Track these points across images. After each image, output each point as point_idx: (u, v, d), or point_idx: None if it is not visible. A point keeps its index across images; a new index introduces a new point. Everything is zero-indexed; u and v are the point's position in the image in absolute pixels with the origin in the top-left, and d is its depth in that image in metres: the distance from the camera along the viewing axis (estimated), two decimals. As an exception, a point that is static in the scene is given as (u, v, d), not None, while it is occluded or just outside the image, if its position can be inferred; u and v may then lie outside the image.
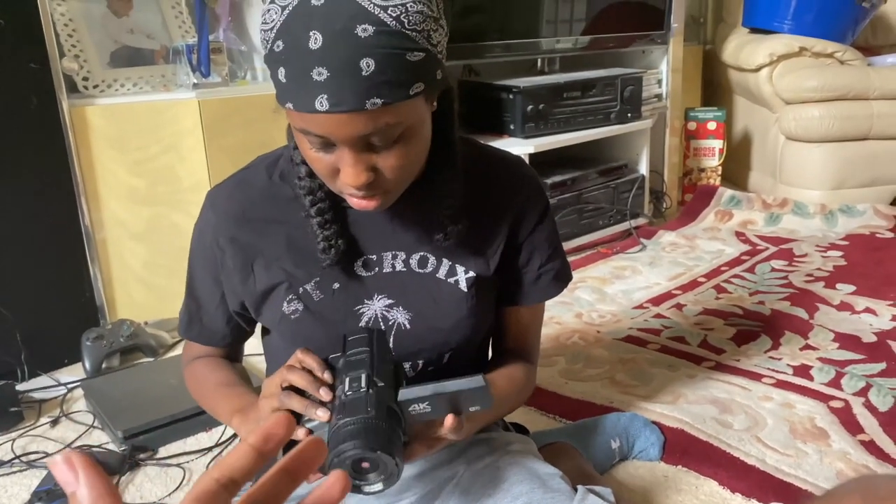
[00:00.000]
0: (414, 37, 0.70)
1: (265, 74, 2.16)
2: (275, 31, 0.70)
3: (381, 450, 0.69)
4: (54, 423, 1.55)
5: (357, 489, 0.71)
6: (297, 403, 0.75)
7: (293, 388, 0.76)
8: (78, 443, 1.46)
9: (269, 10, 0.71)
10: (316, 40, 0.67)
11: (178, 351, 1.83)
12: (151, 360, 1.81)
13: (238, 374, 0.99)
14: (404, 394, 0.74)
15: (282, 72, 0.71)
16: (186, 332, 1.00)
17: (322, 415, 0.73)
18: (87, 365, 1.74)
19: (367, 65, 0.68)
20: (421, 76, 0.72)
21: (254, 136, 1.90)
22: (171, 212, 1.89)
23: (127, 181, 1.86)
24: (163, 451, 1.43)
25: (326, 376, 0.76)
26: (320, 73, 0.68)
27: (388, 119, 0.71)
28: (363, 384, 0.74)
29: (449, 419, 0.74)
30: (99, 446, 1.44)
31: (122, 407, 1.51)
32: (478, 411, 0.75)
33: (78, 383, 1.68)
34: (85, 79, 1.87)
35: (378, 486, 0.71)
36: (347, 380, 0.75)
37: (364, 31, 0.67)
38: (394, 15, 0.68)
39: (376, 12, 0.68)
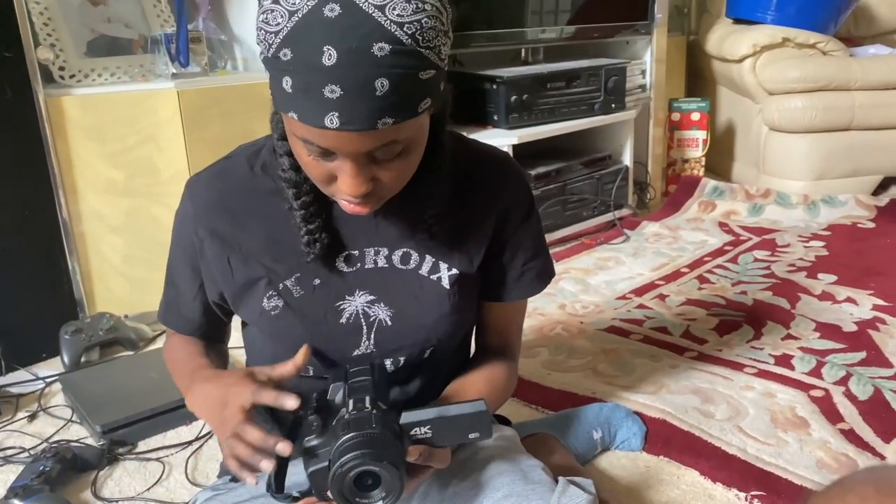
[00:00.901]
0: (427, 55, 0.68)
1: (246, 64, 2.14)
2: (281, 37, 0.66)
3: (386, 460, 0.70)
4: (32, 417, 1.53)
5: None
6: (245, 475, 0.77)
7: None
8: (56, 437, 1.45)
9: (272, 11, 0.67)
10: (330, 56, 0.64)
11: (158, 344, 1.81)
12: (131, 353, 1.79)
13: (212, 354, 0.98)
14: (407, 416, 0.76)
15: (287, 81, 0.67)
16: (164, 318, 1.00)
17: (266, 466, 0.76)
18: (66, 359, 1.72)
19: (382, 85, 0.66)
20: (429, 93, 0.71)
21: (234, 127, 1.88)
22: (150, 204, 1.87)
23: (105, 173, 1.84)
24: (142, 446, 1.42)
25: (271, 443, 0.76)
26: (333, 91, 0.65)
27: (394, 136, 0.71)
28: (367, 404, 0.76)
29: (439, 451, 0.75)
30: (77, 441, 1.42)
31: (101, 401, 1.50)
32: (476, 438, 0.77)
33: (56, 377, 1.66)
34: (61, 68, 1.84)
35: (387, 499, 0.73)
36: (351, 402, 0.77)
37: (380, 49, 0.65)
38: (409, 32, 0.66)
39: (393, 30, 0.65)
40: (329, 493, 0.72)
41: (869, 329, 1.74)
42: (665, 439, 1.33)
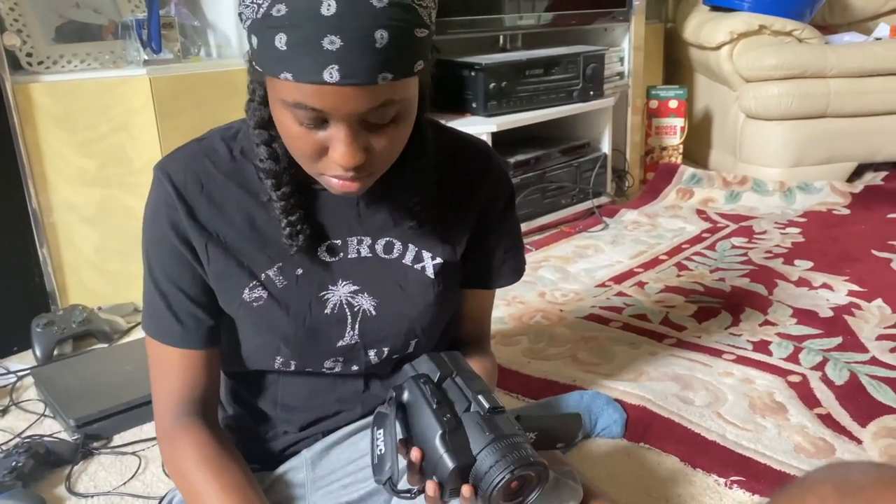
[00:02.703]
0: (420, 12, 0.67)
1: (219, 51, 2.10)
2: None
3: (533, 462, 0.72)
4: (3, 412, 1.49)
5: None
6: None
7: None
8: (28, 432, 1.42)
9: None
10: (329, 7, 0.62)
11: (132, 336, 1.78)
12: (105, 346, 1.75)
13: (240, 477, 0.85)
14: (524, 418, 0.78)
15: (281, 38, 0.65)
16: (162, 337, 0.85)
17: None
18: (38, 352, 1.68)
19: (381, 37, 0.64)
20: (422, 54, 0.69)
21: (208, 114, 1.85)
22: (123, 194, 1.83)
23: (76, 162, 1.80)
24: (118, 439, 1.39)
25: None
26: (332, 42, 0.63)
27: (391, 96, 0.68)
28: (498, 403, 0.76)
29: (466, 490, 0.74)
30: (50, 435, 1.40)
31: (75, 395, 1.47)
32: (562, 447, 0.80)
33: (28, 371, 1.63)
34: (28, 55, 1.79)
35: (536, 494, 0.74)
36: (480, 397, 0.76)
37: (379, 0, 0.64)
38: None
39: None
40: (478, 495, 0.73)
41: (845, 315, 1.76)
42: (645, 426, 1.34)
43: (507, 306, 1.88)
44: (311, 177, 0.80)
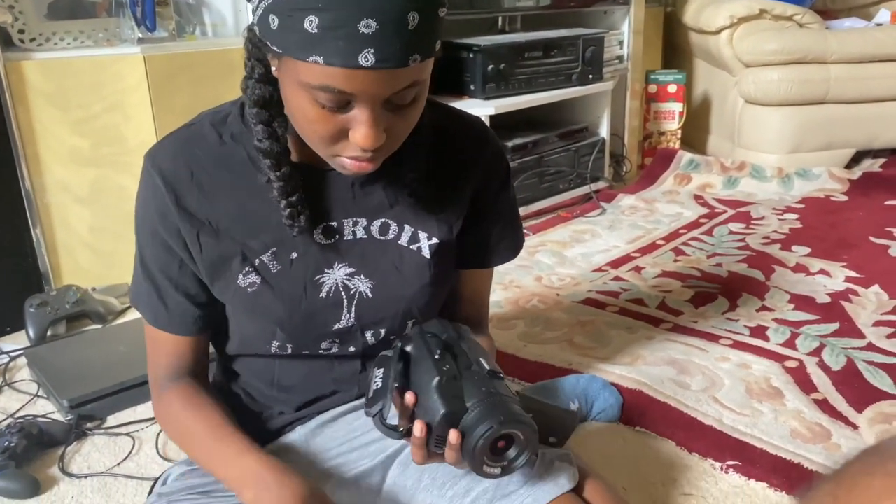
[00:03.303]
0: None
1: (215, 30, 2.07)
2: None
3: (523, 421, 0.72)
4: (-4, 393, 1.49)
5: (504, 469, 0.74)
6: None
7: None
8: (21, 413, 1.41)
9: None
10: None
11: (127, 317, 1.77)
12: (99, 327, 1.74)
13: (226, 415, 0.89)
14: (522, 397, 0.80)
15: (312, 21, 0.63)
16: (155, 322, 0.87)
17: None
18: (31, 332, 1.67)
19: (413, 18, 0.63)
20: (441, 34, 0.69)
21: (203, 94, 1.83)
22: (116, 174, 1.81)
23: (69, 142, 1.78)
24: (111, 420, 1.39)
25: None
26: (368, 26, 0.62)
27: (416, 76, 0.68)
28: (498, 369, 0.77)
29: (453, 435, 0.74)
30: (44, 416, 1.39)
31: (69, 375, 1.46)
32: (553, 443, 0.82)
33: (21, 351, 1.62)
34: (21, 31, 1.76)
35: (523, 460, 0.74)
36: (482, 360, 0.77)
37: None
38: None
39: None
40: (462, 447, 0.73)
41: (842, 301, 1.76)
42: (641, 410, 1.34)
43: (503, 290, 1.87)
44: (308, 157, 0.79)
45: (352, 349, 0.90)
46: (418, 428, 0.74)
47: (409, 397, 0.76)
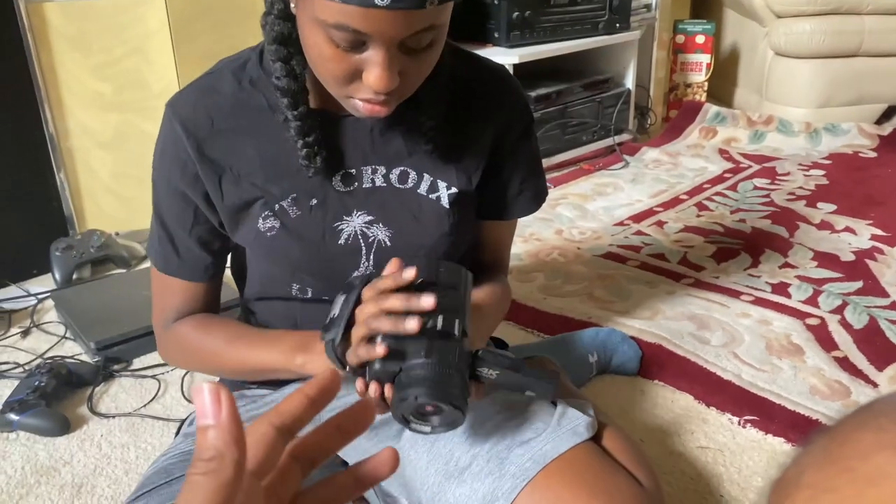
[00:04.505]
0: None
1: (236, -27, 2.03)
2: None
3: (453, 401, 0.69)
4: (25, 333, 1.52)
5: (433, 430, 0.73)
6: (388, 325, 0.70)
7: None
8: (50, 353, 1.44)
9: None
10: None
11: (150, 263, 1.79)
12: (123, 271, 1.77)
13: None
14: (484, 357, 0.73)
15: None
16: (165, 268, 0.89)
17: (412, 326, 0.69)
18: (57, 275, 1.70)
19: None
20: None
21: (224, 39, 1.81)
22: (139, 119, 1.81)
23: (92, 86, 1.77)
24: (137, 363, 1.41)
25: (423, 302, 0.70)
26: None
27: (433, 20, 0.67)
28: (456, 330, 0.72)
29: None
30: (72, 357, 1.42)
31: (95, 318, 1.49)
32: (531, 396, 0.76)
33: (48, 294, 1.65)
34: (42, -27, 1.75)
35: (428, 429, 0.72)
36: (441, 318, 0.72)
37: None
38: None
39: None
40: (390, 405, 0.72)
41: (867, 259, 1.74)
42: (660, 364, 1.34)
43: (524, 243, 1.87)
44: (326, 103, 0.78)
45: None
46: (360, 383, 0.74)
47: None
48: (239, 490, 0.32)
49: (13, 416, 1.22)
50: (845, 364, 1.33)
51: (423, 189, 0.87)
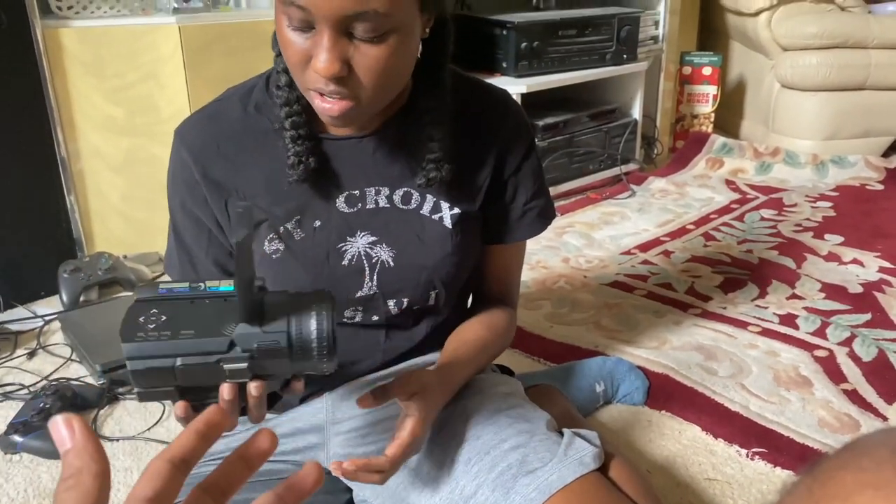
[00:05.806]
0: None
1: (249, 1, 2.07)
2: None
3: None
4: (31, 355, 1.52)
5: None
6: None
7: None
8: (55, 375, 1.44)
9: None
10: None
11: (158, 286, 1.80)
12: (131, 294, 1.77)
13: None
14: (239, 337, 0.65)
15: None
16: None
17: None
18: (65, 297, 1.70)
19: None
20: None
21: (237, 65, 1.83)
22: (150, 143, 1.83)
23: (104, 110, 1.79)
24: (142, 386, 1.41)
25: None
26: None
27: (377, 5, 0.67)
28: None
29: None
30: (77, 379, 1.42)
31: (101, 340, 1.49)
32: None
33: (55, 316, 1.65)
34: (59, -1, 1.78)
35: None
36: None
37: None
38: None
39: None
40: None
41: (875, 291, 1.73)
42: (667, 394, 1.33)
43: (530, 270, 1.87)
44: (330, 127, 0.81)
45: (375, 318, 0.90)
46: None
47: None
48: (105, 500, 0.33)
49: (17, 438, 1.21)
50: (854, 397, 1.32)
51: (426, 210, 0.87)
